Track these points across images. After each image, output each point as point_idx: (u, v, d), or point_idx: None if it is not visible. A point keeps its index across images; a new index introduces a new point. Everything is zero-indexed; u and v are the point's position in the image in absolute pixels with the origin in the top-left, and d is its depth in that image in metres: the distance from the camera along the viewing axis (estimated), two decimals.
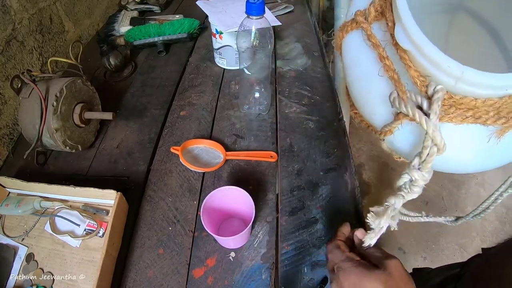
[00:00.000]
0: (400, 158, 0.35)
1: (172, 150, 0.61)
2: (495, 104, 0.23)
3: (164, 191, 0.57)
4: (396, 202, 0.29)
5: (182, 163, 0.58)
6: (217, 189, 0.46)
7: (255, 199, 0.46)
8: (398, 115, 0.27)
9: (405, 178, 0.28)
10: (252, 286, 0.46)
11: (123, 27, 0.96)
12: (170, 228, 0.52)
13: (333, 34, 1.10)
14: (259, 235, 0.50)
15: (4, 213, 0.54)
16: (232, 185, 0.46)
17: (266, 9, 0.54)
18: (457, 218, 0.38)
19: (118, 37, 0.91)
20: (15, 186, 0.56)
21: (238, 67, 0.80)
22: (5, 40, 0.65)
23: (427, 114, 0.23)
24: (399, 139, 0.29)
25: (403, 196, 0.29)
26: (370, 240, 0.34)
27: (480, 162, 0.28)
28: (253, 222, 0.46)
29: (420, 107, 0.24)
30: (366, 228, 0.36)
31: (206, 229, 0.43)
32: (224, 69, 0.82)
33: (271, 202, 0.54)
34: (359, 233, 0.39)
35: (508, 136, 0.25)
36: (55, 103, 0.56)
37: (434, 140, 0.24)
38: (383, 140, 0.32)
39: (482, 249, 0.53)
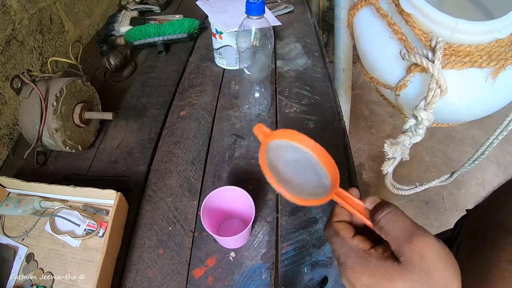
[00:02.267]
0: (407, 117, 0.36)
1: (255, 131, 0.33)
2: (485, 49, 0.28)
3: (164, 191, 0.57)
4: (404, 139, 0.33)
5: (262, 170, 0.29)
6: (217, 189, 0.46)
7: (255, 199, 0.46)
8: (409, 68, 0.32)
9: (410, 122, 0.32)
10: (252, 286, 0.46)
11: (123, 27, 0.96)
12: (170, 228, 0.52)
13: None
14: (259, 235, 0.50)
15: (4, 213, 0.54)
16: (232, 185, 0.46)
17: (266, 9, 0.54)
18: (452, 173, 0.38)
19: (118, 37, 0.91)
20: (15, 186, 0.56)
21: (238, 67, 0.80)
22: (5, 40, 0.65)
23: (432, 61, 0.28)
24: (411, 91, 0.34)
25: (409, 136, 0.33)
26: (388, 167, 0.34)
27: (481, 105, 0.31)
28: (253, 222, 0.46)
29: (426, 58, 0.29)
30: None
31: (206, 229, 0.43)
32: (224, 69, 0.82)
33: (271, 202, 0.54)
34: (369, 202, 0.29)
35: (502, 77, 0.29)
36: (55, 103, 0.56)
37: (439, 81, 0.28)
38: (399, 95, 0.35)
39: (467, 210, 0.51)
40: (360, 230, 0.29)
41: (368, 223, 0.28)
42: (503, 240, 0.35)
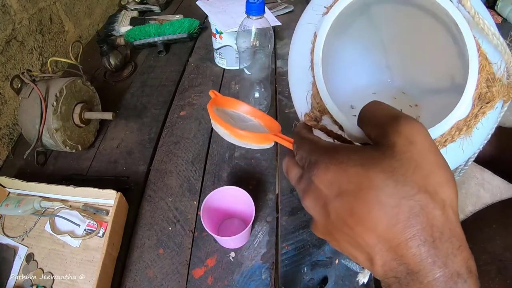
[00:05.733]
0: None
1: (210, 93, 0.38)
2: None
3: (164, 191, 0.57)
4: None
5: (214, 123, 0.32)
6: (217, 189, 0.46)
7: (255, 199, 0.46)
8: None
9: None
10: (252, 286, 0.46)
11: (123, 27, 0.96)
12: (170, 228, 0.52)
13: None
14: (259, 235, 0.50)
15: (4, 213, 0.54)
16: (232, 185, 0.46)
17: (266, 9, 0.54)
18: None
19: (118, 37, 0.91)
20: (15, 186, 0.56)
21: (238, 67, 0.80)
22: (5, 40, 0.65)
23: None
24: None
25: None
26: None
27: None
28: (253, 222, 0.46)
29: None
30: None
31: (206, 229, 0.43)
32: (224, 69, 0.82)
33: (271, 202, 0.54)
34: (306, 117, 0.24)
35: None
36: (55, 103, 0.56)
37: None
38: None
39: None
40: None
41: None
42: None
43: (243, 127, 0.32)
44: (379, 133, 0.18)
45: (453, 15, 0.24)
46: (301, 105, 0.34)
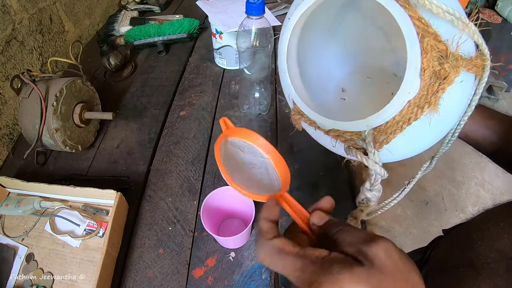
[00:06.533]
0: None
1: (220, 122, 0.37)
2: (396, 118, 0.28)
3: (164, 191, 0.57)
4: (357, 215, 0.35)
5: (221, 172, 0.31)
6: (217, 189, 0.46)
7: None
8: (348, 148, 0.33)
9: (362, 196, 0.35)
10: (252, 286, 0.46)
11: (123, 27, 0.96)
12: (170, 228, 0.52)
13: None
14: None
15: (4, 213, 0.54)
16: None
17: (266, 9, 0.54)
18: (432, 159, 0.38)
19: (118, 37, 0.91)
20: (15, 186, 0.56)
21: (238, 67, 0.80)
22: (5, 40, 0.65)
23: (367, 154, 0.30)
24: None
25: (361, 210, 0.35)
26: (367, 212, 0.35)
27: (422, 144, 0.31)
28: (253, 222, 0.46)
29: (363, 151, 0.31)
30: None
31: (206, 229, 0.43)
32: (224, 69, 0.82)
33: None
34: (317, 217, 0.27)
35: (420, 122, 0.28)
36: (55, 103, 0.56)
37: (375, 171, 0.30)
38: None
39: (443, 230, 0.49)
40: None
41: (309, 233, 0.28)
42: (473, 282, 0.33)
43: (251, 167, 0.33)
44: (359, 248, 0.22)
45: (384, 4, 0.25)
46: (289, 102, 0.38)
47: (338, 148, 0.34)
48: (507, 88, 1.73)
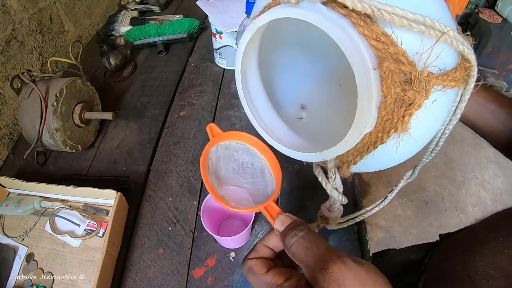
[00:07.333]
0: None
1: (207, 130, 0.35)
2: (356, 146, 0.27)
3: (164, 191, 0.57)
4: (315, 227, 0.35)
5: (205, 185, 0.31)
6: None
7: None
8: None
9: (322, 213, 0.34)
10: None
11: (123, 27, 0.96)
12: (170, 228, 0.52)
13: None
14: (259, 235, 0.50)
15: (4, 213, 0.54)
16: None
17: None
18: (414, 168, 0.38)
19: (118, 37, 0.91)
20: (15, 186, 0.56)
21: None
22: (5, 40, 0.65)
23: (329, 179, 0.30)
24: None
25: (318, 225, 0.35)
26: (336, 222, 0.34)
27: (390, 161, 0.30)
28: (253, 222, 0.46)
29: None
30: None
31: (206, 229, 0.43)
32: (224, 69, 0.82)
33: None
34: (279, 222, 0.26)
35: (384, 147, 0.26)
36: (55, 103, 0.56)
37: (333, 196, 0.30)
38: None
39: (440, 235, 0.47)
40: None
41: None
42: None
43: (246, 169, 0.33)
44: (312, 276, 0.21)
45: (324, 28, 0.21)
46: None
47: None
48: (507, 88, 1.73)
